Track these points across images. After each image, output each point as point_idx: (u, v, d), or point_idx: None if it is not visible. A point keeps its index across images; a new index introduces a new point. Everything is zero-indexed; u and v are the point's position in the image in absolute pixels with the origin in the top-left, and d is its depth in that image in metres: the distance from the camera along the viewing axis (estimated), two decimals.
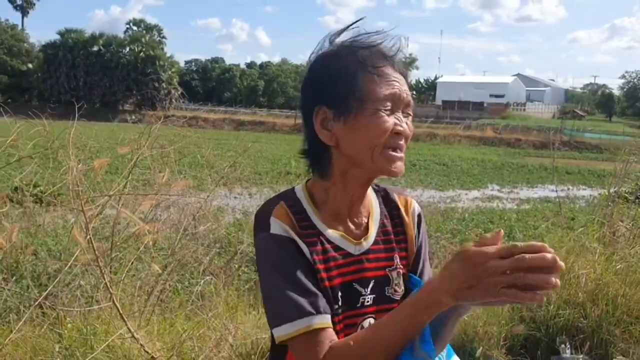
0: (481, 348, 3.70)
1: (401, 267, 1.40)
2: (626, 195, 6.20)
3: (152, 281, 4.13)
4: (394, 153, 1.28)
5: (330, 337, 1.22)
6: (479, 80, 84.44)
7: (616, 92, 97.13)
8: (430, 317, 1.13)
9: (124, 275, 3.71)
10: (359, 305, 1.33)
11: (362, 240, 1.36)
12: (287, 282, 1.24)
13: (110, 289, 3.26)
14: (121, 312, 3.27)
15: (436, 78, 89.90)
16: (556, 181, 14.39)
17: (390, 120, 1.27)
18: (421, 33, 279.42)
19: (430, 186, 19.80)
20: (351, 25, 1.34)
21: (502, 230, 1.09)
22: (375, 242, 1.37)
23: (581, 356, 3.73)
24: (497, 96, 76.12)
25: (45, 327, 3.61)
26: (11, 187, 6.01)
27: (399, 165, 1.28)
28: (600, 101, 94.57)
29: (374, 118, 1.25)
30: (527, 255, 1.02)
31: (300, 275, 1.24)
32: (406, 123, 1.30)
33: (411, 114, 1.33)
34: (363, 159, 1.28)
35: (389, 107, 1.27)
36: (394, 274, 1.38)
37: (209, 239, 5.11)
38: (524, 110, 75.66)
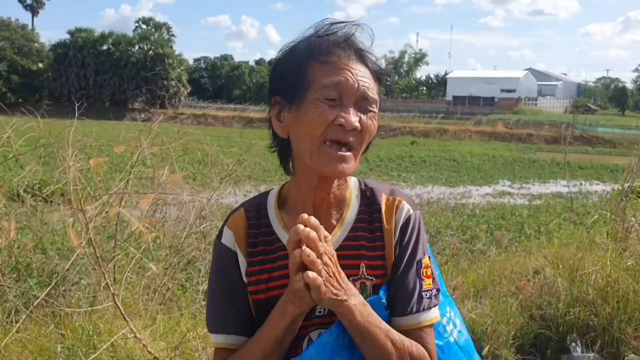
0: (488, 346, 3.63)
1: (369, 277, 1.27)
2: (639, 190, 6.08)
3: (158, 280, 4.10)
4: (334, 149, 1.19)
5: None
6: (490, 75, 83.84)
7: (629, 85, 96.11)
8: (285, 324, 1.19)
9: (125, 274, 3.68)
10: (310, 315, 1.24)
11: None
12: (218, 296, 1.32)
13: (112, 289, 3.23)
14: (123, 311, 3.24)
15: (446, 73, 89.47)
16: (568, 176, 14.22)
17: (331, 112, 1.18)
18: (432, 29, 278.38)
19: (441, 182, 19.73)
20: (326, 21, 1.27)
21: (303, 215, 1.13)
22: (340, 248, 1.26)
23: (592, 354, 3.65)
24: (508, 91, 75.58)
25: (50, 327, 3.60)
26: (11, 186, 6.02)
27: (340, 167, 1.19)
28: (613, 95, 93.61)
29: (312, 107, 1.19)
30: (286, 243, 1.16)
31: (229, 292, 1.30)
32: (360, 117, 1.20)
33: (372, 109, 1.23)
34: (304, 154, 1.21)
35: (333, 98, 1.18)
36: (357, 284, 1.25)
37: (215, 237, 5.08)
38: (536, 105, 75.11)
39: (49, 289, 3.60)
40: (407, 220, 1.31)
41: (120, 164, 9.35)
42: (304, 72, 1.20)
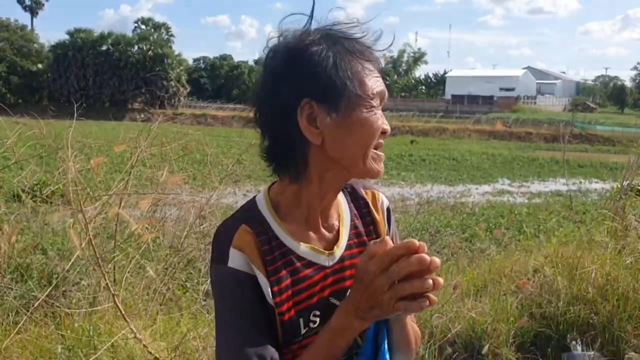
0: (488, 345, 3.63)
1: None
2: (638, 188, 6.08)
3: (158, 280, 4.10)
4: (379, 153, 1.20)
5: None
6: (489, 74, 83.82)
7: (628, 83, 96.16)
8: (347, 341, 1.12)
9: (125, 275, 3.68)
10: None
11: (335, 248, 1.24)
12: (239, 329, 1.15)
13: (112, 289, 3.23)
14: (123, 312, 3.24)
15: (445, 72, 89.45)
16: (567, 175, 14.25)
17: (381, 118, 1.18)
18: (431, 27, 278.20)
19: (440, 181, 19.72)
20: (311, 16, 1.20)
21: (387, 238, 1.05)
22: (348, 247, 1.26)
23: (592, 353, 3.66)
24: (507, 90, 75.56)
25: (50, 327, 3.60)
26: (11, 187, 6.02)
27: (382, 167, 1.21)
28: (612, 93, 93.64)
29: (370, 115, 1.14)
30: (394, 267, 1.01)
31: (254, 325, 1.16)
32: None
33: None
34: (354, 160, 1.16)
35: (378, 105, 1.18)
36: None
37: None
38: (535, 103, 75.13)
39: (49, 289, 3.60)
40: (388, 209, 1.38)
41: (119, 165, 9.35)
42: (351, 76, 1.13)
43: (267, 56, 1.21)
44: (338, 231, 1.27)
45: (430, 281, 1.01)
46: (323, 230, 1.25)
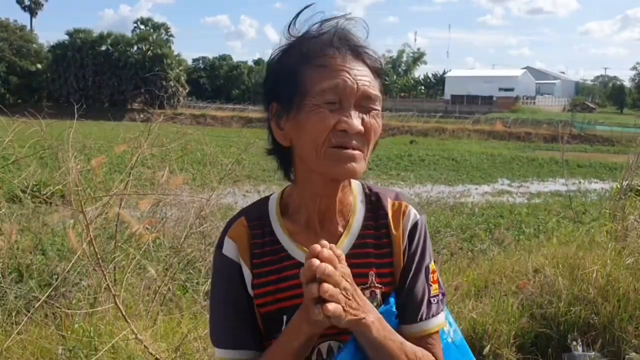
0: (489, 346, 3.63)
1: (379, 285, 1.24)
2: (638, 188, 6.09)
3: (159, 280, 4.10)
4: (342, 151, 1.14)
5: None
6: (488, 74, 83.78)
7: (627, 83, 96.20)
8: (300, 343, 1.15)
9: (126, 275, 3.68)
10: None
11: None
12: (223, 310, 1.27)
13: (112, 290, 3.23)
14: (124, 313, 3.24)
15: (445, 72, 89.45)
16: (567, 175, 14.24)
17: (332, 117, 1.13)
18: (431, 27, 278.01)
19: (440, 181, 19.73)
20: (299, 13, 1.21)
21: (323, 242, 1.09)
22: (348, 256, 1.19)
23: (593, 353, 3.65)
24: (506, 90, 75.54)
25: (51, 328, 3.60)
26: (11, 187, 6.02)
27: (350, 166, 1.14)
28: (611, 93, 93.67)
29: (312, 114, 1.13)
30: (300, 271, 1.08)
31: (234, 306, 1.25)
32: (363, 118, 1.16)
33: (375, 107, 1.18)
34: (310, 159, 1.16)
35: (333, 101, 1.13)
36: (367, 292, 1.21)
37: (215, 237, 5.07)
38: (534, 103, 75.11)
39: (49, 290, 3.59)
40: (415, 226, 1.28)
41: (119, 165, 9.35)
42: (299, 78, 1.15)
43: None
44: (340, 238, 1.25)
45: (313, 288, 1.04)
46: (323, 235, 1.22)
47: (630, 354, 3.71)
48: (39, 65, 62.23)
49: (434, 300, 1.27)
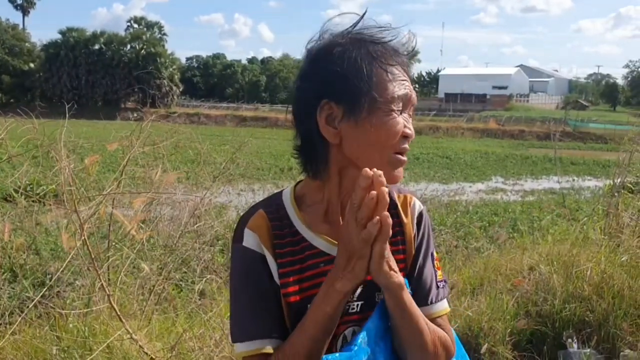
0: (486, 344, 3.63)
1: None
2: (630, 185, 6.11)
3: (153, 280, 4.08)
4: (400, 157, 1.22)
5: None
6: (482, 72, 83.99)
7: (620, 81, 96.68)
8: (331, 306, 1.15)
9: (120, 275, 3.66)
10: (343, 313, 1.24)
11: None
12: (247, 301, 1.25)
13: (107, 290, 3.21)
14: (119, 312, 3.22)
15: (438, 71, 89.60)
16: (560, 172, 14.32)
17: (402, 122, 1.20)
18: (424, 25, 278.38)
19: (434, 179, 19.73)
20: (360, 19, 1.24)
21: (367, 169, 1.10)
22: None
23: (588, 350, 3.66)
24: (500, 88, 75.76)
25: (45, 328, 3.57)
26: (3, 187, 5.98)
27: (401, 171, 1.23)
28: (604, 91, 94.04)
29: (388, 119, 1.18)
30: (352, 197, 1.10)
31: (260, 296, 1.24)
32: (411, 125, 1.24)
33: (411, 114, 1.26)
34: (370, 162, 1.17)
35: (400, 109, 1.20)
36: None
37: (210, 236, 5.05)
38: (527, 101, 75.41)
39: (43, 290, 3.56)
40: (421, 214, 1.37)
41: (112, 164, 9.31)
42: (370, 80, 1.17)
43: (303, 57, 1.27)
44: None
45: (374, 192, 1.07)
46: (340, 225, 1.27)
47: (625, 351, 3.72)
48: (31, 65, 61.90)
49: (440, 285, 1.36)
